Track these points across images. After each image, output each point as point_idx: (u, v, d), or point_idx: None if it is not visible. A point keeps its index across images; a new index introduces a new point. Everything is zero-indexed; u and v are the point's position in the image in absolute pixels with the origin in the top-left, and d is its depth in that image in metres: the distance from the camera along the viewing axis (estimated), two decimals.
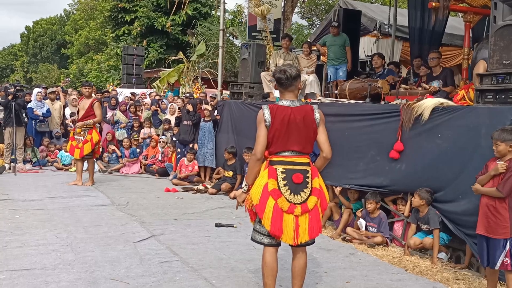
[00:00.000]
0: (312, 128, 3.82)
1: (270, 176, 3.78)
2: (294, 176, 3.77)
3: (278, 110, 3.77)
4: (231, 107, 9.95)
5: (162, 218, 7.05)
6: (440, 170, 5.66)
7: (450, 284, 4.82)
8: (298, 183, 3.77)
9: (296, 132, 3.77)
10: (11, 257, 5.05)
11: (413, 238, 5.78)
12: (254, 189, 3.84)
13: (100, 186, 9.28)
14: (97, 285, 4.40)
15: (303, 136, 3.80)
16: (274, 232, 3.72)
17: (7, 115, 10.77)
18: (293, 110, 3.78)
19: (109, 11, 26.50)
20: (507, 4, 5.26)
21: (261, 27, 15.03)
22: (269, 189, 3.75)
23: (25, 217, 6.72)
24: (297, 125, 3.76)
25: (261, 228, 3.85)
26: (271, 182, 3.76)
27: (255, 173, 3.88)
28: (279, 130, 3.75)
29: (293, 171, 3.78)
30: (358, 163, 6.71)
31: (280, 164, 3.80)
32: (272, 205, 3.72)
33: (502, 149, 4.37)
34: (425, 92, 7.34)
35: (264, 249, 3.89)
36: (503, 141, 4.35)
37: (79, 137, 9.15)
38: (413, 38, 10.63)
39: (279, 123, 3.74)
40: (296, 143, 3.80)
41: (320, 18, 31.71)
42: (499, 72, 5.22)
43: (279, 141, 3.78)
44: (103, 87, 25.65)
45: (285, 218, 3.73)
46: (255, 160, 3.83)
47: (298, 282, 3.89)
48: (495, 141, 4.42)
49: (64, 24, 50.24)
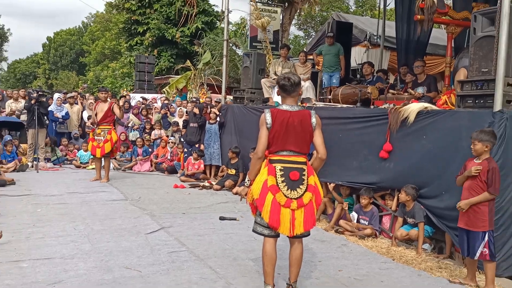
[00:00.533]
0: (308, 131, 3.84)
1: (269, 173, 3.81)
2: (291, 173, 3.80)
3: (279, 114, 3.80)
4: (234, 111, 9.95)
5: (171, 212, 7.05)
6: (425, 169, 5.66)
7: (433, 273, 4.81)
8: (294, 180, 3.80)
9: (293, 134, 3.80)
10: (33, 247, 5.05)
11: (400, 230, 5.78)
12: (255, 185, 3.87)
13: (115, 182, 9.28)
14: (112, 272, 4.40)
15: (299, 138, 3.82)
16: (272, 223, 3.75)
17: (30, 118, 10.79)
18: (292, 114, 3.81)
19: (123, 23, 26.49)
20: (486, 17, 5.25)
21: (261, 38, 15.07)
22: (268, 185, 3.78)
23: (46, 211, 6.72)
24: (294, 128, 3.79)
25: (261, 221, 3.88)
26: (270, 179, 3.79)
27: (256, 170, 3.92)
28: (279, 131, 3.78)
29: (290, 169, 3.81)
30: (351, 162, 6.71)
31: (279, 163, 3.84)
32: (270, 199, 3.76)
33: (478, 148, 4.41)
34: (411, 97, 7.33)
35: (264, 240, 3.90)
36: (480, 141, 4.40)
37: (99, 138, 9.19)
38: (400, 48, 10.61)
39: (279, 125, 3.77)
40: (293, 144, 3.82)
41: (315, 30, 31.72)
42: (479, 79, 5.22)
43: (278, 141, 3.81)
44: (117, 92, 25.66)
45: (282, 212, 3.75)
46: (256, 159, 3.89)
47: (295, 270, 3.90)
48: (473, 140, 4.46)
49: (82, 35, 50.25)
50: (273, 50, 14.42)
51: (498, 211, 4.87)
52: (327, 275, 4.50)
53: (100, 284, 4.11)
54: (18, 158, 10.61)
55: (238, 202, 7.94)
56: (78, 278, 4.22)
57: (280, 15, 17.28)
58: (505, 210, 4.89)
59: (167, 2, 23.91)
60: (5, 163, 10.11)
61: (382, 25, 11.91)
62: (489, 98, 5.07)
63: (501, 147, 4.86)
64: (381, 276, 4.66)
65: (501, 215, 4.87)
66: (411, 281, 4.58)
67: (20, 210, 6.69)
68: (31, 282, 4.09)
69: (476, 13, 5.39)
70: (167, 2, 23.89)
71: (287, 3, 19.13)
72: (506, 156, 4.87)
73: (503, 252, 4.91)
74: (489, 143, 4.40)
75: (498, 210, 4.87)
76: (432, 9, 7.61)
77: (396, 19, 10.71)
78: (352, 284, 4.41)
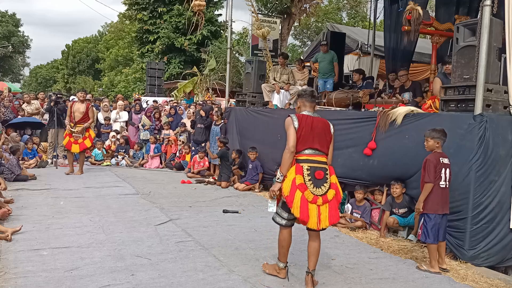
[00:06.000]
0: (329, 135, 4.06)
1: (297, 173, 3.89)
2: (317, 172, 3.89)
3: (303, 117, 3.98)
4: (236, 113, 9.95)
5: (178, 205, 7.05)
6: (407, 164, 5.66)
7: (418, 262, 4.81)
8: (319, 178, 3.89)
9: (318, 134, 3.95)
10: (52, 237, 5.06)
11: (392, 217, 5.79)
12: (285, 183, 3.91)
13: (127, 178, 9.28)
14: (124, 260, 4.41)
15: (322, 139, 3.98)
16: (303, 218, 3.84)
17: (50, 119, 10.79)
18: (314, 118, 4.01)
19: (136, 32, 26.48)
20: (468, 28, 5.26)
21: (262, 46, 15.07)
22: (296, 183, 3.85)
23: (64, 204, 6.72)
24: (318, 129, 3.97)
25: (282, 213, 4.00)
26: (298, 178, 3.87)
27: (289, 165, 3.93)
28: (305, 130, 3.92)
29: (316, 168, 3.91)
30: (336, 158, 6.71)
31: (306, 162, 3.92)
32: (299, 196, 3.83)
33: (431, 145, 4.58)
34: (398, 101, 7.33)
35: (282, 228, 4.04)
36: (432, 138, 4.56)
37: (77, 135, 9.32)
38: (388, 56, 10.60)
39: (305, 126, 3.93)
40: (318, 143, 3.95)
41: (311, 39, 31.71)
42: (461, 84, 5.22)
43: (305, 140, 3.93)
44: (130, 95, 25.67)
45: (310, 207, 3.84)
46: (289, 153, 3.91)
47: (314, 259, 3.98)
48: (426, 137, 4.62)
49: (97, 43, 50.20)
50: (272, 57, 14.41)
51: (478, 206, 4.88)
52: (321, 263, 4.49)
53: (114, 271, 4.11)
54: (38, 155, 10.64)
55: (240, 197, 7.97)
56: (93, 265, 4.23)
57: (279, 26, 17.28)
58: (485, 206, 4.90)
59: (176, 13, 23.90)
60: (27, 160, 10.13)
61: (373, 35, 11.90)
62: (470, 103, 5.08)
63: (481, 148, 4.87)
64: (370, 264, 4.67)
65: (481, 210, 4.88)
66: (397, 269, 4.58)
67: (41, 203, 6.69)
68: (51, 268, 4.10)
69: (458, 24, 5.39)
70: (176, 13, 23.89)
71: (286, 15, 19.14)
72: (485, 155, 4.88)
73: (484, 244, 4.92)
74: (440, 140, 4.55)
75: (478, 205, 4.88)
76: (418, 20, 7.62)
77: (385, 29, 10.71)
78: (343, 272, 4.41)
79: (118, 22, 41.41)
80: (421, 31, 8.26)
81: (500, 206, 4.97)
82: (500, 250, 4.99)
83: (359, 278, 4.27)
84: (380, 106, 7.04)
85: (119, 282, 3.87)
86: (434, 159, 4.49)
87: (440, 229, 4.51)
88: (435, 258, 4.54)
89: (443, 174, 4.49)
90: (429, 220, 4.49)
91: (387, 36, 10.50)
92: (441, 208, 4.50)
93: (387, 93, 8.79)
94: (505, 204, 5.01)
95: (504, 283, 4.42)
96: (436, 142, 4.54)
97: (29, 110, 12.07)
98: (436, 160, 4.48)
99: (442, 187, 4.50)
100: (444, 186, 4.51)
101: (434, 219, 4.48)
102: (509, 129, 5.05)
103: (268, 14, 17.94)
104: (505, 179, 4.99)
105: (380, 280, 4.26)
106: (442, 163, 4.50)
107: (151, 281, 3.90)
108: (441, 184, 4.49)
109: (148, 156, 11.44)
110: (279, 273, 4.12)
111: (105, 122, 12.45)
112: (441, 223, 4.52)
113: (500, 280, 4.47)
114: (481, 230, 4.90)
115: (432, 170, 4.45)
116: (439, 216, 4.49)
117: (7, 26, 49.08)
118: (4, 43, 47.93)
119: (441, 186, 4.49)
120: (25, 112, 11.95)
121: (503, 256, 5.04)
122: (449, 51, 8.95)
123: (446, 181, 4.52)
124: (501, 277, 4.61)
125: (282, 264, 4.11)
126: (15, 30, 50.85)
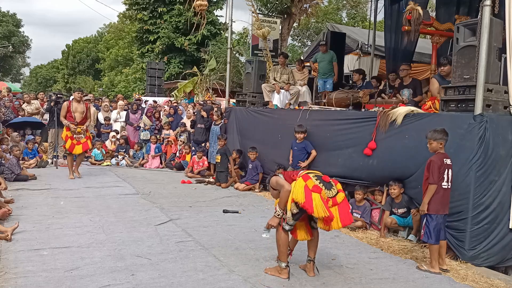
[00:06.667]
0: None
1: (305, 179, 3.92)
2: (323, 177, 4.02)
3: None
4: (236, 113, 9.94)
5: (178, 205, 7.04)
6: (406, 164, 5.65)
7: (418, 262, 4.81)
8: (327, 182, 3.99)
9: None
10: (52, 236, 5.05)
11: (390, 217, 5.79)
12: (296, 193, 3.88)
13: (127, 178, 9.28)
14: (124, 260, 4.40)
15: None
16: (332, 217, 3.87)
17: (50, 119, 10.78)
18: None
19: (136, 32, 26.49)
20: (468, 28, 5.24)
21: (262, 46, 15.06)
22: (310, 187, 3.86)
23: (64, 204, 6.72)
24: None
25: (289, 221, 3.97)
26: (309, 182, 3.89)
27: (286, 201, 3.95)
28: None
29: (320, 175, 4.04)
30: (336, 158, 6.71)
31: (310, 173, 4.04)
32: (318, 197, 3.83)
33: (434, 146, 4.55)
34: (398, 101, 7.32)
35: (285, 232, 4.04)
36: (434, 140, 4.53)
37: (79, 136, 9.09)
38: (388, 56, 10.60)
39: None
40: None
41: (310, 40, 31.70)
42: (461, 85, 5.21)
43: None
44: (130, 95, 25.68)
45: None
46: (286, 192, 3.93)
47: (314, 248, 4.21)
48: (429, 139, 4.59)
49: (97, 43, 50.18)
50: (272, 57, 14.40)
51: (478, 206, 4.87)
52: (321, 263, 4.49)
53: (114, 271, 4.11)
54: (39, 155, 10.63)
55: (240, 197, 7.97)
56: (94, 265, 4.22)
57: (279, 26, 17.27)
58: (485, 206, 4.89)
59: (176, 13, 23.91)
60: (27, 160, 10.12)
61: (373, 35, 11.89)
62: (470, 103, 5.06)
63: (481, 147, 4.86)
64: (370, 264, 4.66)
65: (482, 210, 4.87)
66: (397, 269, 4.57)
67: (41, 203, 6.68)
68: (51, 268, 4.09)
69: (458, 24, 5.38)
70: (176, 13, 23.89)
71: (286, 15, 19.13)
72: (485, 155, 4.87)
73: (484, 244, 4.91)
74: (443, 140, 4.53)
75: (479, 205, 4.87)
76: (418, 20, 7.61)
77: (385, 29, 10.70)
78: (344, 272, 4.40)
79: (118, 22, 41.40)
80: (421, 31, 8.25)
81: (500, 206, 4.96)
82: (500, 250, 4.98)
83: (359, 278, 4.26)
84: (380, 106, 7.03)
85: (119, 282, 3.86)
86: (439, 160, 4.46)
87: (441, 229, 4.51)
88: (436, 258, 4.53)
89: (446, 175, 4.47)
90: (431, 221, 4.47)
91: (387, 36, 10.49)
92: (442, 208, 4.50)
93: (387, 93, 8.78)
94: (505, 204, 5.00)
95: (504, 283, 4.41)
96: (439, 143, 4.51)
97: (29, 110, 12.07)
98: (440, 161, 4.46)
99: (445, 188, 4.49)
100: (447, 187, 4.50)
101: (436, 219, 4.47)
102: (509, 129, 5.04)
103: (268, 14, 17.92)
104: (506, 179, 4.98)
105: (380, 280, 4.25)
106: (446, 164, 4.48)
107: (151, 281, 3.90)
108: (444, 185, 4.47)
109: (149, 156, 11.44)
110: (282, 274, 4.12)
111: (105, 122, 12.46)
112: (442, 223, 4.52)
113: (500, 280, 4.46)
114: (481, 230, 4.89)
115: (436, 172, 4.43)
116: (441, 216, 4.49)
117: (7, 26, 49.07)
118: (5, 43, 47.91)
119: (443, 187, 4.48)
120: (25, 112, 11.95)
121: (503, 256, 5.03)
122: (449, 51, 8.96)
123: (449, 182, 4.51)
124: (501, 277, 4.60)
125: (283, 264, 4.11)
126: (15, 30, 50.85)
